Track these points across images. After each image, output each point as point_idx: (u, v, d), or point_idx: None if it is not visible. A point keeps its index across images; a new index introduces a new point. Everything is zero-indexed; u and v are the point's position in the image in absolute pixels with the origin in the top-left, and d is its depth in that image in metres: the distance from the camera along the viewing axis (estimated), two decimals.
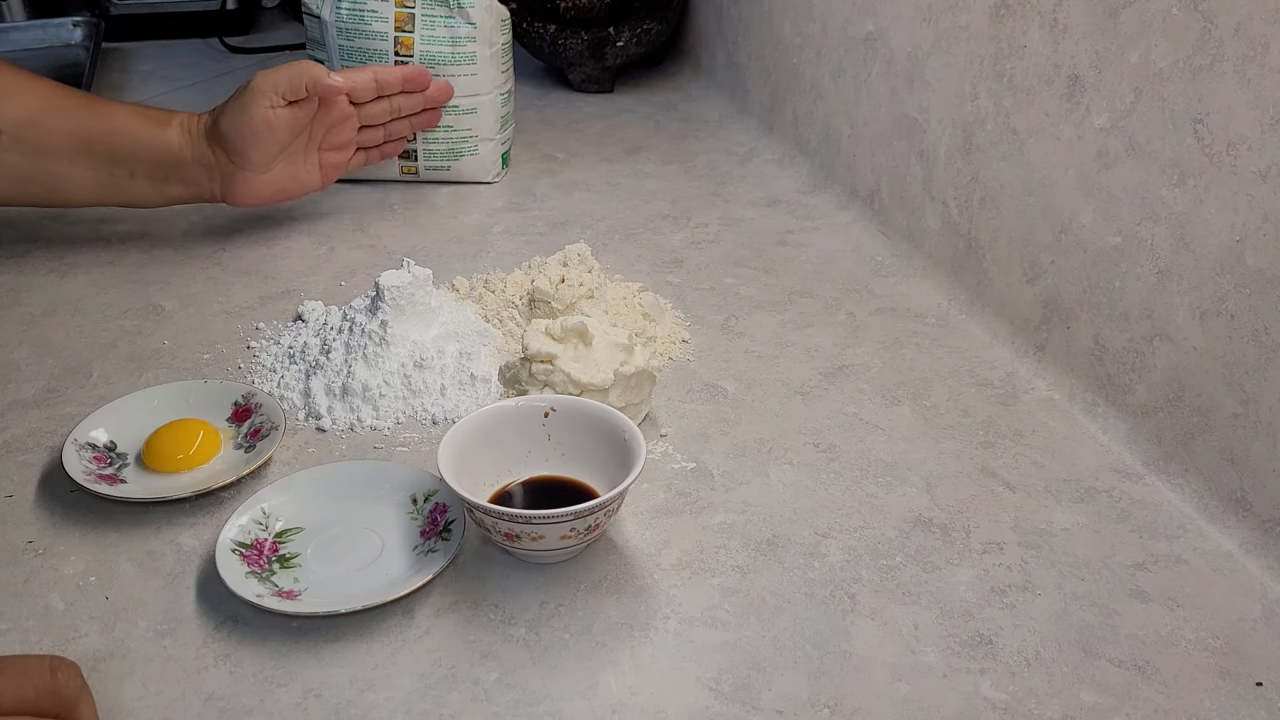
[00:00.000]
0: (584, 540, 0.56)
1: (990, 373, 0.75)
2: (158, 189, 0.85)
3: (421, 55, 0.97)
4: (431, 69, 0.97)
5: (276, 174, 0.87)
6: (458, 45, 0.97)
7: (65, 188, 0.83)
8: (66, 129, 0.81)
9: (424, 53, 0.97)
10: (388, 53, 0.97)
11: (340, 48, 0.98)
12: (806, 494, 0.63)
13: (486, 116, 1.01)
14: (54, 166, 0.81)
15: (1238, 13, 0.58)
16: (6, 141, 0.80)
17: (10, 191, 0.83)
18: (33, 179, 0.82)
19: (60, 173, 0.82)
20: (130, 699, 0.49)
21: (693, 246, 0.93)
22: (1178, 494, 0.63)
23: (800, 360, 0.76)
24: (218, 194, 0.86)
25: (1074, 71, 0.71)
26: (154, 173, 0.84)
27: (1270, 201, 0.58)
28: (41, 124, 0.81)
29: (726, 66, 1.27)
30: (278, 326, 0.79)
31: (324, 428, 0.68)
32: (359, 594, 0.53)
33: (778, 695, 0.50)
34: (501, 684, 0.50)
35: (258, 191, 0.87)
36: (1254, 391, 0.59)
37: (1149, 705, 0.50)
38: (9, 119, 0.80)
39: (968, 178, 0.83)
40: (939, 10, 0.85)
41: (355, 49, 0.98)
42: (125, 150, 0.82)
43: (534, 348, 0.65)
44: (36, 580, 0.56)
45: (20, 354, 0.75)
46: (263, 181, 0.86)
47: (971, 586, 0.56)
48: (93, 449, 0.63)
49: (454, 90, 0.97)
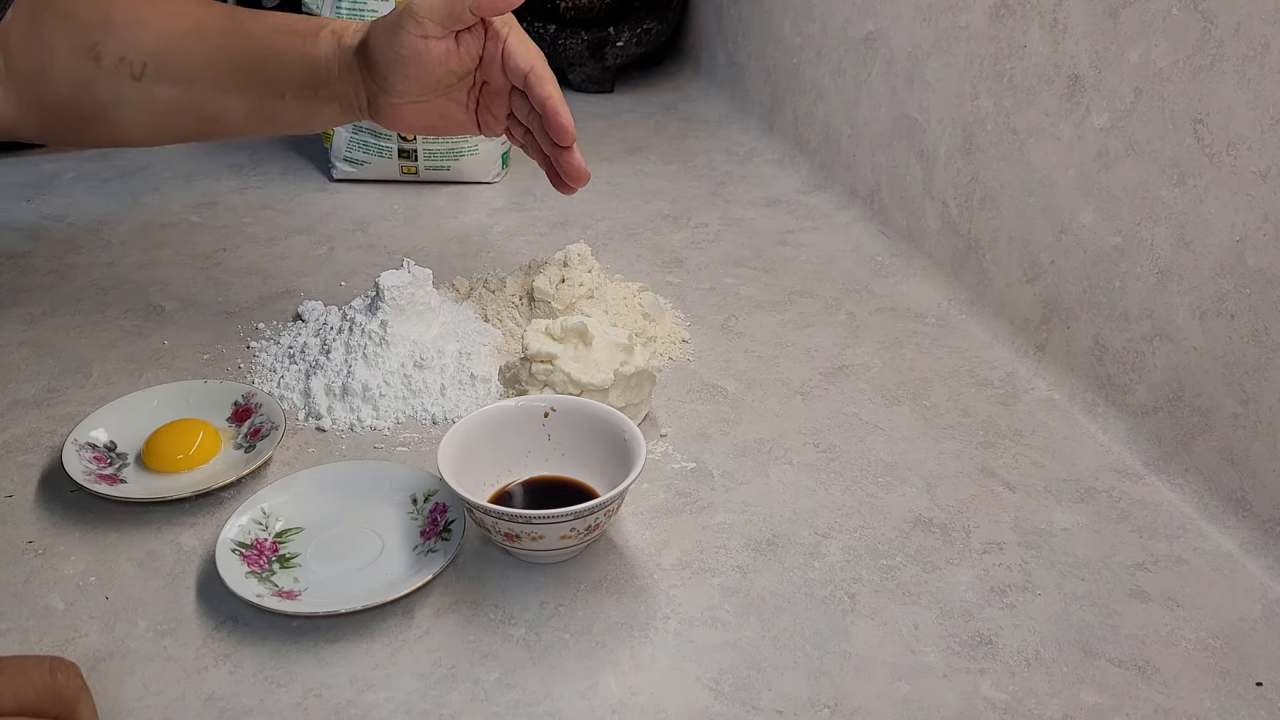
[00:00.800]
0: (584, 540, 0.56)
1: (990, 373, 0.75)
2: (309, 109, 0.74)
3: None
4: None
5: (428, 107, 0.74)
6: None
7: (217, 116, 0.75)
8: (208, 52, 0.73)
9: None
10: None
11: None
12: (806, 494, 0.63)
13: None
14: (201, 94, 0.73)
15: (1238, 13, 0.59)
16: (151, 71, 0.72)
17: (163, 126, 0.76)
18: (183, 110, 0.74)
19: (209, 100, 0.74)
20: (130, 699, 0.49)
21: (693, 246, 0.93)
22: (1178, 494, 0.63)
23: (800, 360, 0.76)
24: (366, 113, 0.75)
25: (1074, 71, 0.71)
26: (304, 90, 0.73)
27: (1270, 201, 0.58)
28: (182, 49, 0.72)
29: (726, 66, 1.27)
30: (278, 326, 0.79)
31: (324, 428, 0.68)
32: (359, 594, 0.53)
33: (778, 695, 0.50)
34: (501, 684, 0.50)
35: (405, 120, 0.75)
36: (1254, 391, 0.59)
37: (1149, 705, 0.50)
38: (148, 48, 0.72)
39: (968, 178, 0.83)
40: (939, 10, 0.85)
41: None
42: (273, 69, 0.73)
43: (534, 348, 0.65)
44: (36, 580, 0.56)
45: (20, 354, 0.75)
46: (412, 112, 0.74)
47: (971, 586, 0.56)
48: (93, 449, 0.63)
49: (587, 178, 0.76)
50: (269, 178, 1.04)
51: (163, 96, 0.72)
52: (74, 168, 1.06)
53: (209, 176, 1.05)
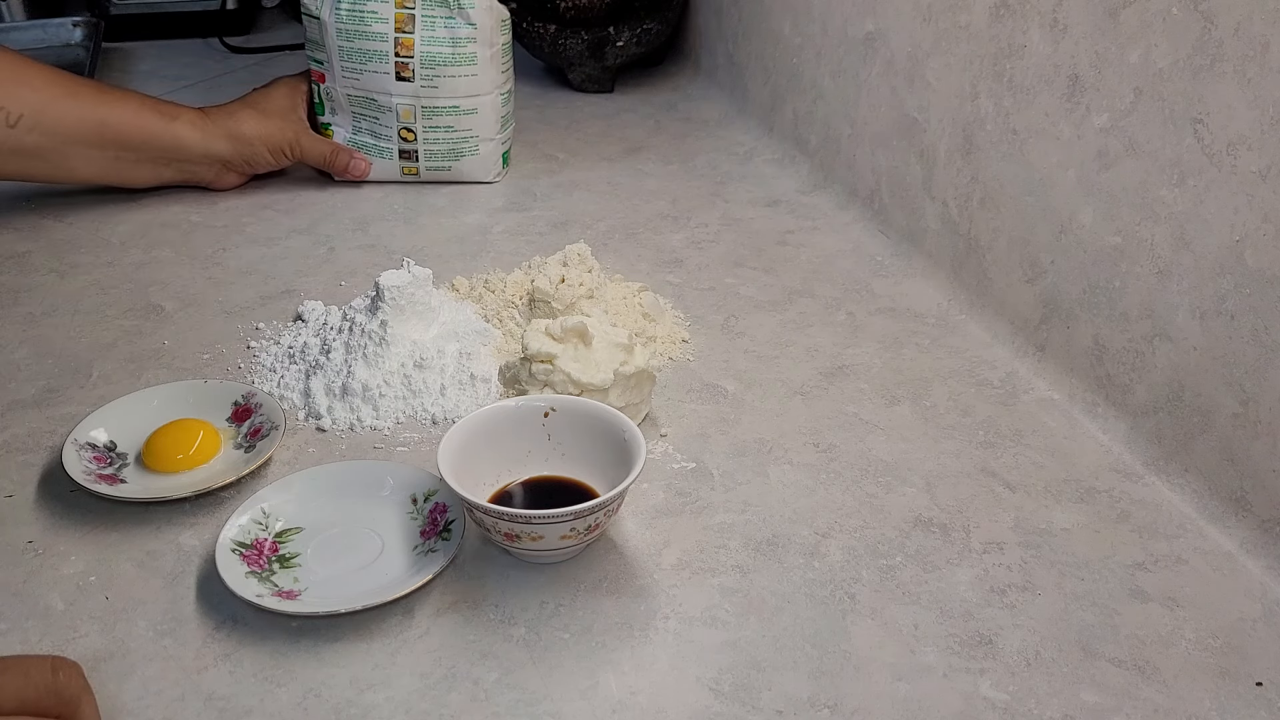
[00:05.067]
0: (584, 540, 0.56)
1: (990, 373, 0.75)
2: (156, 173, 0.97)
3: (422, 56, 0.97)
4: (431, 70, 0.97)
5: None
6: (458, 46, 0.97)
7: (73, 166, 0.93)
8: (81, 114, 0.89)
9: (424, 54, 0.97)
10: (388, 54, 0.97)
11: (340, 49, 0.98)
12: (806, 494, 0.63)
13: (487, 116, 1.01)
14: (67, 148, 0.90)
15: (1238, 13, 0.59)
16: (25, 124, 0.86)
17: (20, 167, 0.91)
18: (45, 158, 0.90)
19: (71, 153, 0.91)
20: (130, 699, 0.49)
21: (693, 246, 0.93)
22: (1178, 494, 0.63)
23: (800, 360, 0.76)
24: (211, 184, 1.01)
25: (1074, 71, 0.71)
26: (158, 160, 0.96)
27: (1270, 201, 0.58)
28: (58, 108, 0.88)
29: (726, 66, 1.27)
30: (278, 326, 0.79)
31: (324, 428, 0.68)
32: (359, 594, 0.53)
33: (778, 695, 0.50)
34: (501, 684, 0.50)
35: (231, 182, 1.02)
36: (1254, 391, 0.59)
37: (1149, 705, 0.50)
38: (27, 102, 0.87)
39: (968, 178, 0.83)
40: (939, 10, 0.85)
41: (355, 50, 0.98)
42: (135, 139, 0.93)
43: (534, 348, 0.65)
44: (36, 580, 0.56)
45: (20, 354, 0.75)
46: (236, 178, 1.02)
47: (971, 586, 0.56)
48: (93, 449, 0.63)
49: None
50: (269, 178, 1.04)
51: (30, 143, 0.88)
52: None
53: None
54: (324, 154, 1.01)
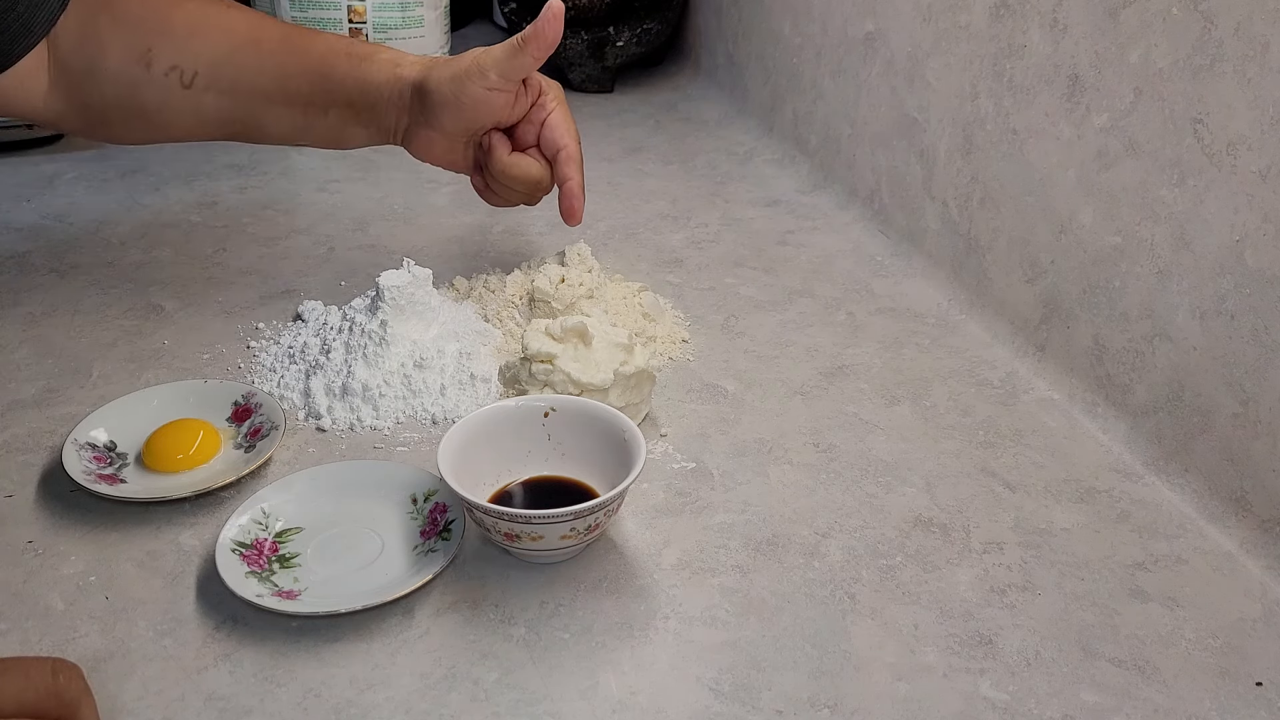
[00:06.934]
0: (584, 540, 0.56)
1: (990, 373, 0.75)
2: (346, 128, 0.79)
3: (374, 22, 0.99)
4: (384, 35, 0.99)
5: (455, 144, 0.78)
6: (407, 10, 1.00)
7: (261, 126, 0.78)
8: (262, 65, 0.75)
9: (376, 20, 0.99)
10: (341, 21, 0.99)
11: (293, 19, 0.99)
12: (806, 494, 0.63)
13: None
14: (250, 106, 0.76)
15: (1238, 13, 0.59)
16: (201, 82, 0.74)
17: (207, 131, 0.79)
18: (230, 119, 0.77)
19: (256, 111, 0.77)
20: (130, 699, 0.49)
21: (693, 246, 0.93)
22: (1178, 494, 0.63)
23: (800, 360, 0.76)
24: (398, 139, 0.79)
25: (1074, 71, 0.71)
26: (347, 110, 0.77)
27: (1270, 201, 0.58)
28: (235, 63, 0.75)
29: (726, 66, 1.27)
30: (278, 326, 0.79)
31: (324, 428, 0.68)
32: (359, 594, 0.53)
33: (778, 695, 0.50)
34: (501, 684, 0.50)
35: (435, 152, 0.79)
36: (1254, 391, 0.59)
37: (1149, 705, 0.50)
38: (202, 58, 0.74)
39: (968, 178, 0.83)
40: (939, 10, 0.85)
41: (308, 19, 0.99)
42: (324, 87, 0.76)
43: (534, 348, 0.65)
44: (36, 580, 0.56)
45: (20, 354, 0.75)
46: (443, 146, 0.78)
47: (971, 586, 0.56)
48: (93, 449, 0.63)
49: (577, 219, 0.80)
50: (269, 178, 1.04)
51: (209, 104, 0.75)
52: (74, 168, 1.06)
53: (209, 176, 1.05)
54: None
